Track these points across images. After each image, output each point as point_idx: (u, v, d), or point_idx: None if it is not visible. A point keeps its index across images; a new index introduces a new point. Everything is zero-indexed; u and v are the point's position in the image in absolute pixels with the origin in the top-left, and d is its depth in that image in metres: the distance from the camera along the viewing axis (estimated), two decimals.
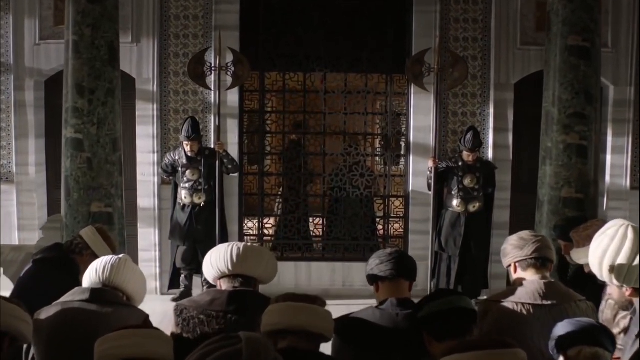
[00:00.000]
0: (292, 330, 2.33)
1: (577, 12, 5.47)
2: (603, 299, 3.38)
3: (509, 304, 2.78)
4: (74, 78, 5.21)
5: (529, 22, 7.25)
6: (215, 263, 2.80)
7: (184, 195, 6.99)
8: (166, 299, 6.89)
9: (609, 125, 7.40)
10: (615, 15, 7.19)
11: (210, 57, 6.88)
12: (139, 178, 7.27)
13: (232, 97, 7.26)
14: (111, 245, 3.98)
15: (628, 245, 2.40)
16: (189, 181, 6.95)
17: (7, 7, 7.07)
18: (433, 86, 6.81)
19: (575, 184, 5.60)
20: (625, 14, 7.21)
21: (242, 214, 7.58)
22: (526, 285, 2.82)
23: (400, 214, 7.65)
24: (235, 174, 7.22)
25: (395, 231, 7.70)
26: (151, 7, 7.10)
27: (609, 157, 7.42)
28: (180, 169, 6.97)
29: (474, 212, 6.94)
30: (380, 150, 7.97)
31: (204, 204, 6.94)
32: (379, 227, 7.79)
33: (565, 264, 4.54)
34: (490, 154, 7.29)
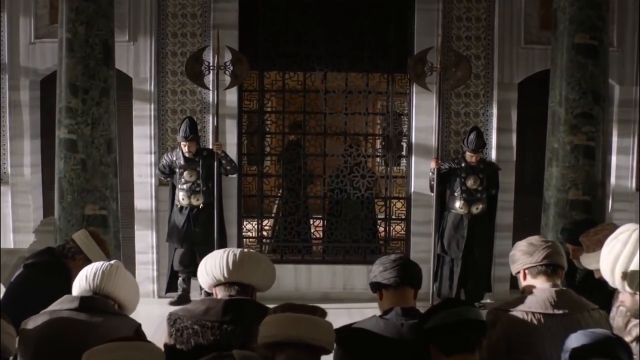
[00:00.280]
0: (291, 342, 2.22)
1: (585, 10, 5.36)
2: (614, 305, 3.27)
3: (518, 313, 2.67)
4: (68, 77, 5.09)
5: (533, 21, 7.17)
6: (210, 270, 2.68)
7: (181, 197, 6.92)
8: (163, 302, 6.91)
9: (614, 125, 7.31)
10: (620, 13, 7.08)
11: (208, 56, 6.82)
12: (136, 179, 7.19)
13: (231, 97, 7.18)
14: (105, 249, 3.90)
15: None
16: (186, 182, 6.88)
17: (2, 6, 6.98)
18: (435, 86, 6.77)
19: (583, 186, 5.49)
20: (630, 12, 7.11)
21: (241, 216, 7.51)
22: (536, 294, 2.70)
23: (402, 216, 7.58)
24: (234, 175, 7.15)
25: (396, 233, 7.63)
26: (148, 5, 7.02)
27: (614, 158, 7.33)
28: (177, 170, 6.90)
29: (477, 214, 6.88)
30: (381, 151, 7.92)
31: (202, 205, 6.88)
32: (380, 229, 7.74)
33: (573, 268, 4.43)
34: (494, 155, 7.21)
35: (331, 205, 7.61)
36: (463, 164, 6.83)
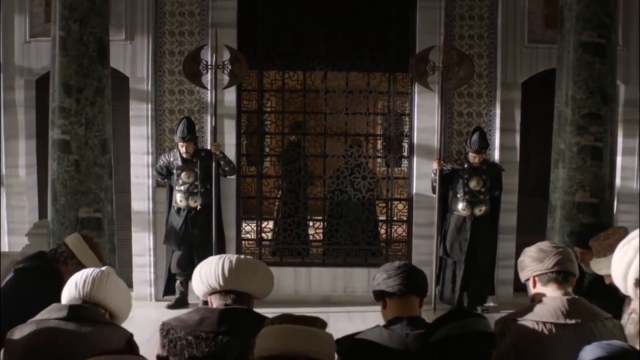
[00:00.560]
0: (290, 355, 2.09)
1: (592, 7, 5.23)
2: (625, 312, 3.17)
3: (528, 322, 2.54)
4: (61, 76, 4.96)
5: (537, 19, 7.07)
6: (205, 277, 2.56)
7: (179, 198, 6.82)
8: (161, 306, 6.87)
9: (620, 126, 7.17)
10: (626, 11, 6.95)
11: (206, 55, 6.75)
12: (133, 180, 7.09)
13: (230, 97, 7.09)
14: (98, 253, 3.81)
15: None
16: (184, 184, 6.79)
17: None
18: (437, 85, 6.71)
19: (590, 188, 5.37)
20: (637, 10, 6.98)
21: (240, 218, 7.42)
22: (547, 302, 2.57)
23: (404, 218, 7.49)
24: (233, 177, 7.05)
25: (398, 235, 7.54)
26: (145, 4, 6.93)
27: (619, 159, 7.20)
28: (175, 171, 6.81)
29: (479, 216, 6.80)
30: (382, 151, 7.84)
31: (199, 207, 6.79)
32: (382, 231, 7.65)
33: (581, 272, 4.32)
34: (497, 156, 7.12)
35: (331, 207, 7.53)
36: (466, 165, 6.75)
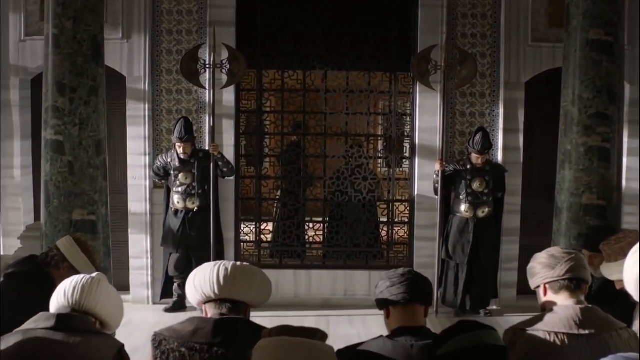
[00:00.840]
0: None
1: (599, 4, 5.11)
2: (635, 318, 3.05)
3: (539, 333, 2.41)
4: (54, 75, 4.83)
5: (541, 18, 6.98)
6: (199, 286, 2.43)
7: (176, 200, 6.73)
8: (158, 309, 6.82)
9: (624, 126, 7.05)
10: (631, 10, 6.82)
11: (204, 54, 6.67)
12: (130, 181, 7.01)
13: (228, 97, 6.99)
14: (91, 256, 3.69)
15: None
16: (181, 185, 6.70)
17: None
18: (440, 85, 6.66)
19: (597, 189, 5.24)
20: (636, 8, 6.86)
21: (239, 219, 7.33)
22: (559, 311, 2.45)
23: (405, 220, 7.41)
24: (231, 178, 6.94)
25: (399, 237, 7.46)
26: (142, 2, 6.84)
27: (624, 160, 7.08)
28: (172, 172, 6.73)
29: (482, 218, 6.73)
30: (383, 152, 7.76)
31: (197, 209, 6.70)
32: (383, 233, 7.57)
33: None
34: (500, 157, 7.03)
35: (332, 208, 7.46)
36: (468, 166, 6.67)
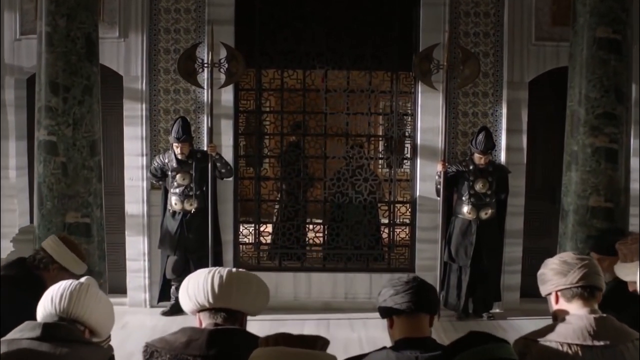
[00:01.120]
0: None
1: (607, 1, 5.01)
2: None
3: (552, 343, 2.30)
4: (47, 74, 4.74)
5: (545, 16, 6.88)
6: (193, 294, 2.31)
7: (174, 201, 6.64)
8: (155, 312, 6.75)
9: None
10: (636, 7, 6.72)
11: (202, 53, 6.56)
12: (127, 183, 6.92)
13: (227, 96, 6.90)
14: (79, 254, 3.62)
15: None
16: (179, 186, 6.61)
17: None
18: (442, 84, 6.58)
19: (605, 191, 5.13)
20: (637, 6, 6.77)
21: (238, 221, 7.23)
22: (572, 321, 2.33)
23: (407, 221, 7.32)
24: (230, 179, 6.84)
25: (401, 239, 7.37)
26: (140, 0, 6.73)
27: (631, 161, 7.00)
28: (170, 173, 6.64)
29: (485, 219, 6.63)
30: (384, 153, 7.69)
31: (195, 210, 6.61)
32: (384, 235, 7.47)
33: None
34: (503, 157, 6.93)
35: (332, 210, 7.37)
36: (471, 167, 6.58)
